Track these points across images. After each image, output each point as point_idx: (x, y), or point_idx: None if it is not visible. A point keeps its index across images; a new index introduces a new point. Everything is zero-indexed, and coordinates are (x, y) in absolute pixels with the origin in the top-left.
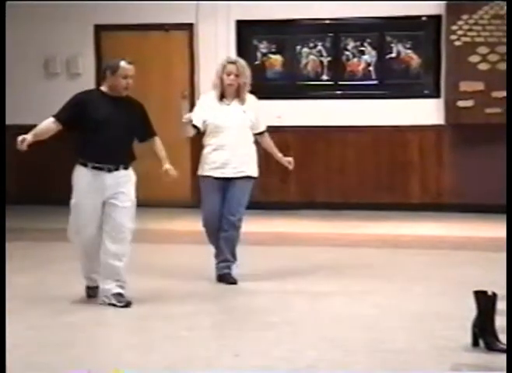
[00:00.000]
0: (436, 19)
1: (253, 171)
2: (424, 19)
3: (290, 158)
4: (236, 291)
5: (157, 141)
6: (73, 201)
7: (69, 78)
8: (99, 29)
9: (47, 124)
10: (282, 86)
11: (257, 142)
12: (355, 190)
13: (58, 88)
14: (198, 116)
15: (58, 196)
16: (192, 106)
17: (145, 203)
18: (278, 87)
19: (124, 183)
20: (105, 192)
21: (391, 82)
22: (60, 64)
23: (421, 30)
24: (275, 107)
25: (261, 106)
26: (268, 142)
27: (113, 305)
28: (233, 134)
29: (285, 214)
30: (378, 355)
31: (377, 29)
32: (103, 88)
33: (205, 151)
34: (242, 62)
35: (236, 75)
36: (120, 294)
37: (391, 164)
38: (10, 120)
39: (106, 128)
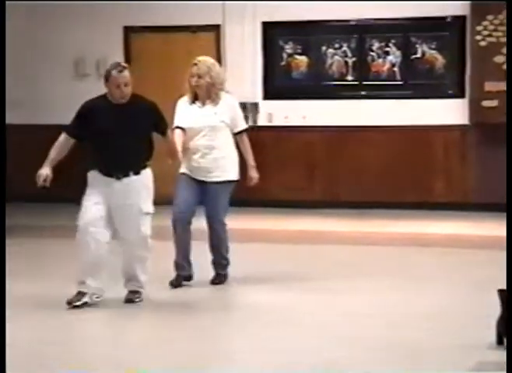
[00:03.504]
0: (461, 19)
1: (229, 175)
2: (449, 19)
3: (255, 175)
4: (257, 287)
5: (168, 136)
6: (83, 202)
7: (99, 79)
8: (128, 31)
9: (61, 144)
10: (308, 87)
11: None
12: (379, 189)
13: (88, 88)
14: (182, 119)
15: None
16: None
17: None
18: (304, 87)
19: (133, 190)
20: (113, 197)
21: (416, 82)
22: (90, 65)
23: (446, 31)
24: (300, 107)
25: (287, 105)
26: (243, 144)
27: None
28: (205, 136)
29: (310, 212)
30: (401, 353)
31: (402, 30)
32: (109, 95)
33: (185, 152)
34: (206, 62)
35: (199, 76)
36: (134, 292)
37: (415, 163)
38: (40, 119)
39: (111, 138)
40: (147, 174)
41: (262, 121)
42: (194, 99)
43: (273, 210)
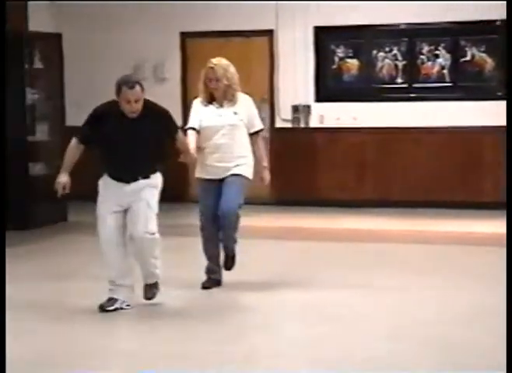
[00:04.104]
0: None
1: (246, 172)
2: (498, 22)
3: (268, 177)
4: (307, 283)
5: (178, 139)
6: (97, 210)
7: (156, 83)
8: (185, 36)
9: (73, 149)
10: (358, 89)
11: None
12: (429, 189)
13: (146, 91)
14: (195, 120)
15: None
16: (272, 108)
17: None
18: (355, 90)
19: (142, 189)
20: (124, 199)
21: (465, 85)
22: (148, 69)
23: (495, 34)
24: (351, 109)
25: (338, 107)
26: (258, 144)
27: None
28: (225, 135)
29: (360, 211)
30: (448, 350)
31: (452, 34)
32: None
33: (201, 153)
34: (222, 65)
35: (217, 79)
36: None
37: (464, 163)
38: None
39: (120, 146)
40: (156, 177)
41: (314, 123)
42: (211, 100)
43: (325, 210)
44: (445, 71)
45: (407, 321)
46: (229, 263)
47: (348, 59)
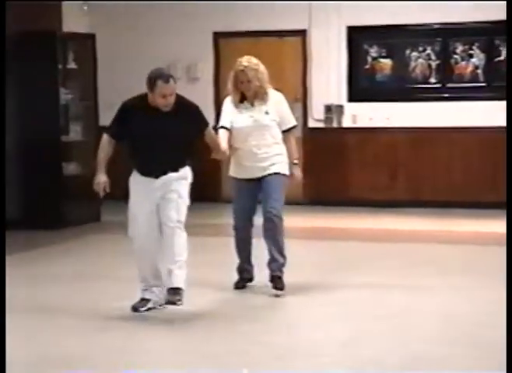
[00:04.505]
0: None
1: (283, 169)
2: None
3: (300, 174)
4: (344, 283)
5: (207, 134)
6: (129, 209)
7: (189, 82)
8: (218, 36)
9: (105, 146)
10: (391, 89)
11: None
12: (462, 189)
13: (179, 91)
14: (227, 119)
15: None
16: (305, 108)
17: None
18: (388, 90)
19: (172, 181)
20: (155, 194)
21: (499, 84)
22: (181, 69)
23: None
24: (384, 109)
25: (371, 107)
26: (290, 141)
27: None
28: (258, 135)
29: (393, 211)
30: (485, 351)
31: (486, 33)
32: (150, 97)
33: (235, 153)
34: (252, 65)
35: (248, 81)
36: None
37: (496, 164)
38: None
39: (149, 141)
40: (186, 170)
41: (347, 123)
42: (242, 99)
43: (357, 209)
44: (479, 71)
45: (441, 321)
46: (279, 284)
47: (382, 59)
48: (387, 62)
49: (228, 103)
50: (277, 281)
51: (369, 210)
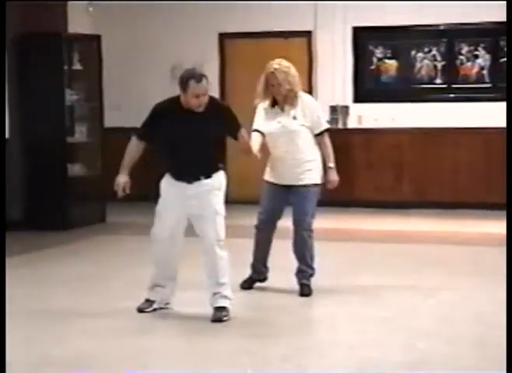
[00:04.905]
0: None
1: (315, 178)
2: None
3: (335, 178)
4: (348, 284)
5: (240, 136)
6: (157, 208)
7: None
8: (223, 37)
9: (133, 149)
10: (397, 90)
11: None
12: (466, 190)
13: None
14: (261, 122)
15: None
16: None
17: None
18: (393, 91)
19: (205, 193)
20: (187, 202)
21: (505, 85)
22: None
23: None
24: (390, 110)
25: (376, 108)
26: (324, 145)
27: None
28: (287, 141)
29: (398, 212)
30: (493, 352)
31: (491, 34)
32: (182, 99)
33: (270, 157)
34: (282, 68)
35: (279, 85)
36: (218, 308)
37: (502, 165)
38: (140, 123)
39: (182, 144)
40: (219, 177)
41: (352, 123)
42: (274, 103)
43: (362, 210)
44: (484, 72)
45: (448, 322)
46: (306, 291)
47: (387, 59)
48: (392, 63)
49: (262, 107)
50: (304, 288)
51: (375, 211)
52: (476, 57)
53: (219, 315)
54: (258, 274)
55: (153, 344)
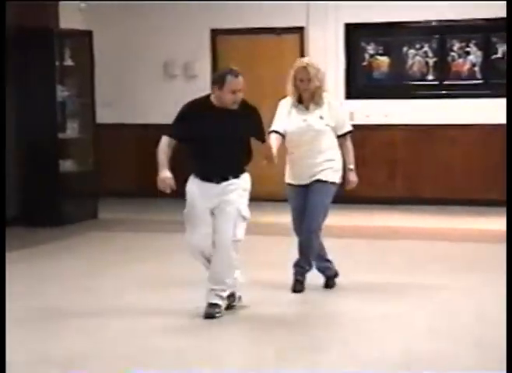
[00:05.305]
0: None
1: (334, 176)
2: None
3: (355, 179)
4: (343, 281)
5: (266, 140)
6: (185, 210)
7: (186, 80)
8: (215, 34)
9: (164, 149)
10: (389, 86)
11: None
12: (459, 187)
13: (176, 89)
14: (281, 123)
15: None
16: None
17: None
18: (385, 87)
19: (232, 191)
20: (213, 200)
21: (496, 82)
22: (178, 67)
23: None
24: (382, 106)
25: (368, 105)
26: (346, 147)
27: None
28: (311, 140)
29: (391, 208)
30: (495, 352)
31: (483, 31)
32: (212, 98)
33: (289, 157)
34: (314, 64)
35: (309, 80)
36: (212, 305)
37: (494, 161)
38: (133, 119)
39: (212, 144)
40: (246, 178)
41: None
42: (299, 101)
43: (354, 207)
44: (476, 68)
45: (448, 320)
46: (298, 287)
47: (379, 56)
48: (384, 59)
49: (284, 105)
50: (297, 285)
51: (367, 208)
52: (468, 53)
53: (211, 311)
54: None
55: (153, 343)
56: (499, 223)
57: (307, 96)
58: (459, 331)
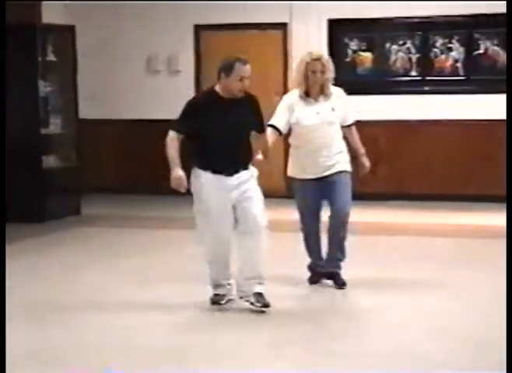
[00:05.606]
0: None
1: (347, 166)
2: None
3: (368, 163)
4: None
5: (263, 137)
6: (197, 207)
7: (170, 75)
8: (199, 29)
9: (173, 144)
10: (372, 82)
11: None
12: (442, 182)
13: (160, 84)
14: (280, 118)
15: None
16: None
17: None
18: (368, 83)
19: (246, 180)
20: (231, 193)
21: (478, 78)
22: (161, 62)
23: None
24: (365, 102)
25: (352, 101)
26: (353, 135)
27: (252, 304)
28: (323, 132)
29: (374, 204)
30: (491, 349)
31: (465, 27)
32: (218, 88)
33: (296, 152)
34: (326, 57)
35: (322, 72)
36: (259, 294)
37: (478, 157)
38: (116, 115)
39: (220, 136)
40: (252, 169)
41: None
42: (306, 94)
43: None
44: (458, 65)
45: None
46: (340, 280)
47: (362, 52)
48: (367, 55)
49: (290, 99)
50: (336, 278)
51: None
52: (450, 49)
53: (266, 301)
54: (319, 268)
55: (147, 339)
56: (478, 218)
57: (316, 89)
58: (455, 330)
